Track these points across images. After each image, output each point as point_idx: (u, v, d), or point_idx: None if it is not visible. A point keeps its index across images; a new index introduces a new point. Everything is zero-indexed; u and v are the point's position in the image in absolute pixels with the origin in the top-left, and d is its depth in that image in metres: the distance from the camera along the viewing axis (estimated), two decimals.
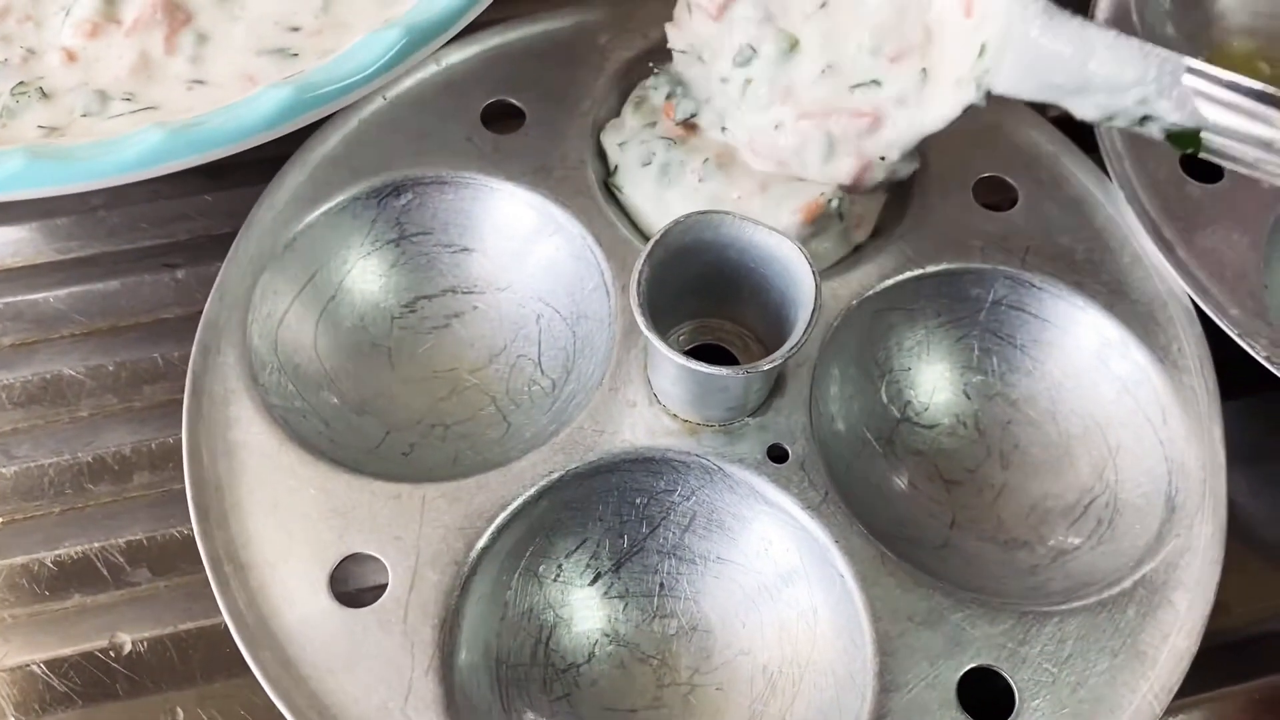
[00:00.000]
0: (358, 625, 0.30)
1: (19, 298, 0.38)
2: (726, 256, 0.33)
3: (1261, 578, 0.36)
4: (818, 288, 0.30)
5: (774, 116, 0.36)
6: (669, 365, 0.31)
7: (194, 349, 0.34)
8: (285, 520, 0.31)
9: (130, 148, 0.33)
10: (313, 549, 0.31)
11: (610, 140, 0.38)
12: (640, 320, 0.30)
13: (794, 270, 0.31)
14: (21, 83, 0.36)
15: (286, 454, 0.32)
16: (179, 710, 0.32)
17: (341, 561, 0.31)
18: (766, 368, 0.30)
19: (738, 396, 0.32)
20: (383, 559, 0.31)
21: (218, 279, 0.35)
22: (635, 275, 0.31)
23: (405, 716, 0.29)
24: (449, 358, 0.37)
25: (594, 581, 0.33)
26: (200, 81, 0.37)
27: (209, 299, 0.34)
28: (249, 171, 0.37)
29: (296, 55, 0.37)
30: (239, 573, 0.31)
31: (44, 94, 0.36)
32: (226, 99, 0.36)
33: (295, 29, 0.38)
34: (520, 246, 0.38)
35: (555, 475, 0.32)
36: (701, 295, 0.34)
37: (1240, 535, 0.34)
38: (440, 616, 0.30)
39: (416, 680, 0.30)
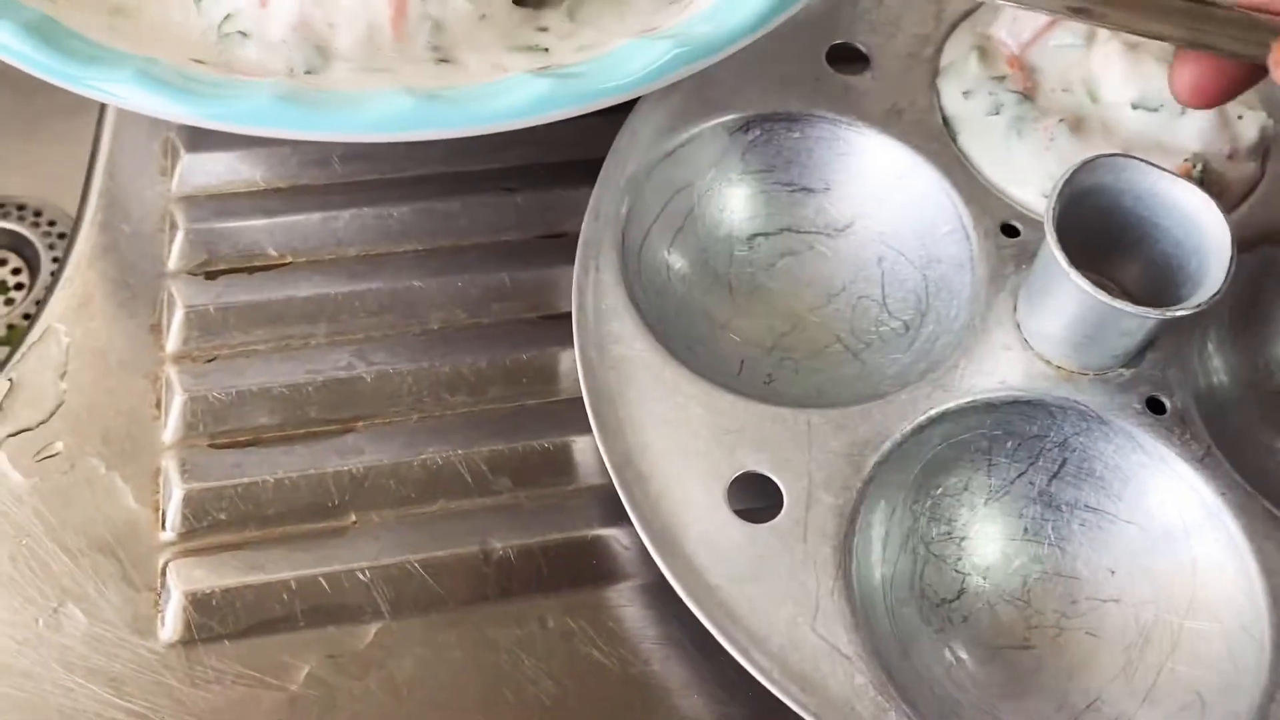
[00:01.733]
0: (759, 540, 0.30)
1: (363, 210, 0.39)
2: (1120, 204, 0.33)
3: None
4: (1234, 239, 0.31)
5: None
6: (1069, 302, 0.31)
7: (576, 265, 0.34)
8: (677, 435, 0.32)
9: (514, 95, 0.32)
10: (707, 464, 0.31)
11: (950, 87, 0.38)
12: (1058, 254, 0.30)
13: (1201, 221, 0.31)
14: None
15: (670, 370, 0.33)
16: (548, 618, 0.33)
17: (735, 478, 0.31)
18: (1186, 312, 0.30)
19: (1130, 343, 0.32)
20: (776, 479, 0.31)
21: (591, 200, 0.35)
22: (1050, 210, 0.31)
23: (816, 633, 0.29)
24: (786, 295, 0.38)
25: (962, 520, 0.33)
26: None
27: (585, 219, 0.35)
28: None
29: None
30: (639, 480, 0.31)
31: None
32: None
33: None
34: (865, 189, 0.38)
35: (935, 410, 0.33)
36: (1082, 245, 0.34)
37: None
38: (838, 539, 0.31)
39: (823, 598, 0.30)
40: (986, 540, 0.33)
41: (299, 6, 0.34)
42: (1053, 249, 0.30)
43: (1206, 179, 0.36)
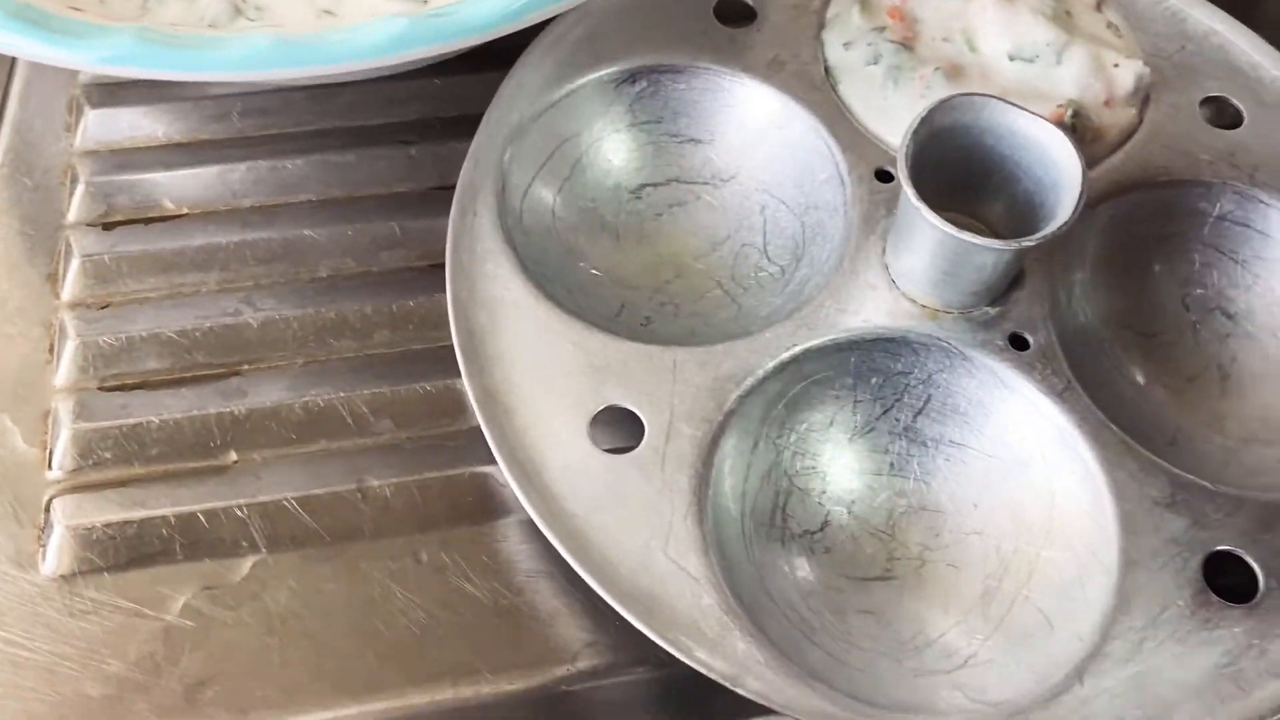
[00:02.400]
0: (618, 470, 0.31)
1: (259, 163, 0.39)
2: (982, 143, 0.33)
3: None
4: (1085, 172, 0.31)
5: None
6: (927, 239, 0.32)
7: (453, 208, 0.35)
8: (545, 370, 0.32)
9: (372, 33, 0.33)
10: (572, 399, 0.32)
11: (833, 38, 0.39)
12: (909, 191, 0.31)
13: (1056, 156, 0.32)
14: None
15: (542, 310, 0.33)
16: (422, 553, 0.33)
17: (599, 412, 0.32)
18: (1032, 243, 0.31)
19: (988, 278, 0.33)
20: (638, 412, 0.32)
21: (471, 146, 0.36)
22: (904, 150, 0.31)
23: (667, 556, 0.30)
24: (673, 243, 0.38)
25: (827, 456, 0.34)
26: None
27: (464, 164, 0.36)
28: (466, 61, 0.38)
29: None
30: (505, 415, 0.32)
31: None
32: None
33: None
34: (748, 139, 0.38)
35: (798, 348, 0.33)
36: (946, 185, 0.35)
37: None
38: (695, 468, 0.31)
39: (676, 523, 0.30)
40: (852, 475, 0.34)
41: None
42: (904, 185, 0.31)
43: (1080, 124, 0.37)
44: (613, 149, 0.38)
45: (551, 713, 0.32)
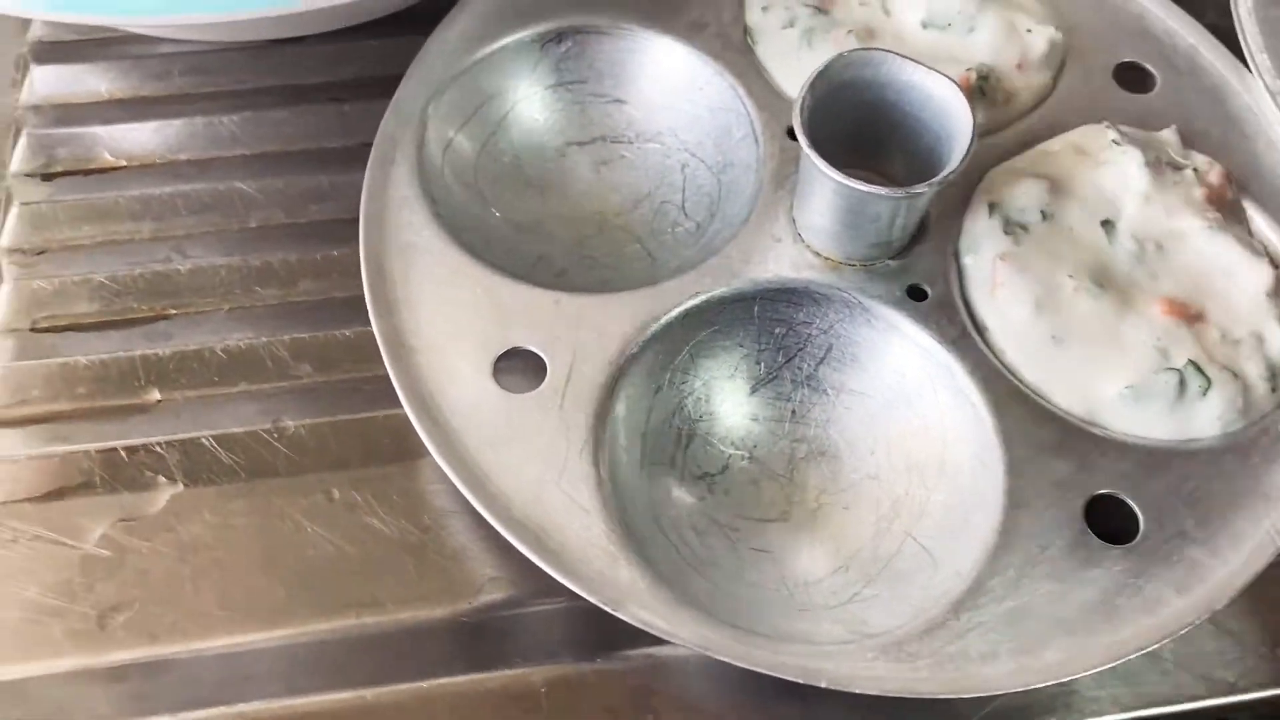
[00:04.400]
0: (518, 409, 0.32)
1: (195, 119, 0.41)
2: (883, 98, 0.34)
3: None
4: (974, 124, 0.32)
5: None
6: (824, 190, 0.33)
7: (371, 157, 0.36)
8: (452, 314, 0.33)
9: None
10: (478, 340, 0.33)
11: (754, 2, 0.40)
12: (803, 139, 0.32)
13: (950, 108, 0.33)
14: None
15: (453, 257, 0.34)
16: (334, 490, 0.34)
17: (504, 354, 0.33)
18: (921, 190, 0.31)
19: (885, 228, 0.33)
20: (541, 354, 0.33)
21: (394, 98, 0.37)
22: (799, 103, 0.32)
23: (560, 490, 0.31)
24: (595, 200, 0.39)
25: (730, 403, 0.35)
26: None
27: (385, 115, 0.37)
28: (404, 23, 0.40)
29: None
30: (410, 355, 0.33)
31: None
32: None
33: None
34: (671, 99, 0.39)
35: (701, 297, 0.34)
36: (851, 142, 0.35)
37: None
38: (593, 408, 0.32)
39: (571, 460, 0.31)
40: (753, 422, 0.35)
41: None
42: (800, 137, 0.32)
43: (989, 88, 0.38)
44: (537, 107, 0.39)
45: (454, 643, 0.33)
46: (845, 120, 0.34)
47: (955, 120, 0.33)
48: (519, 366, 0.33)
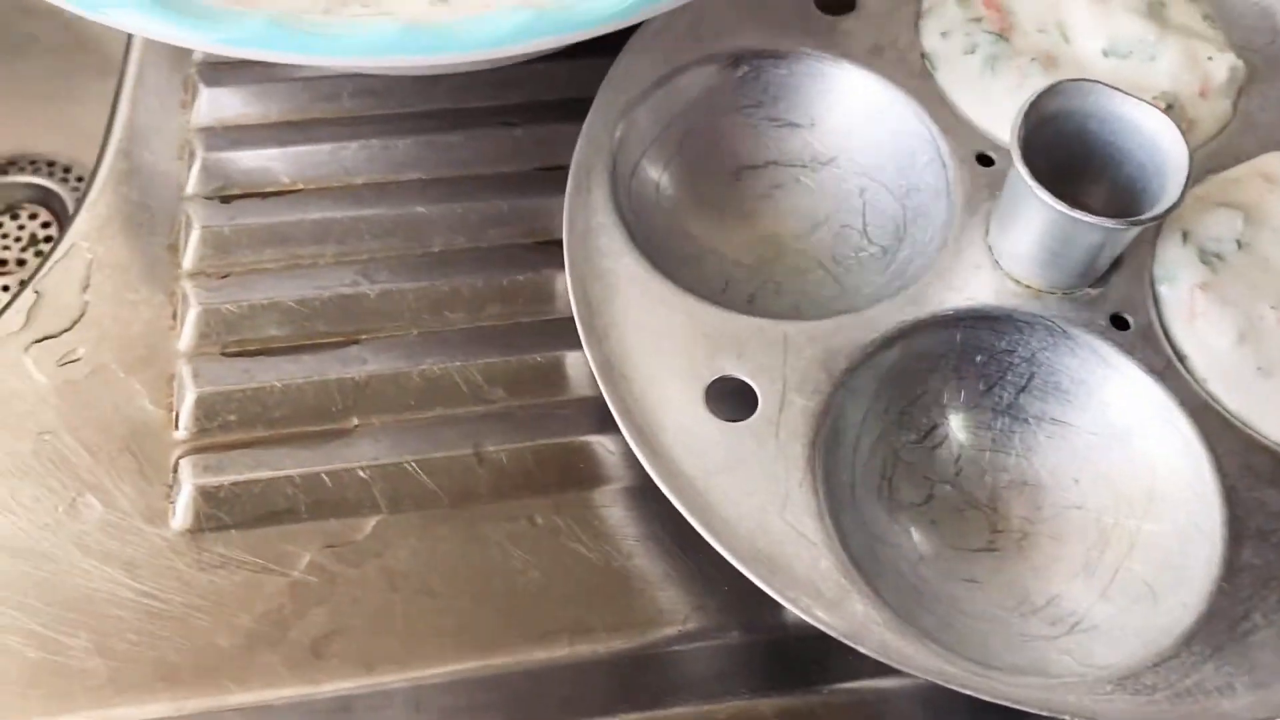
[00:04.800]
0: (734, 438, 0.32)
1: (371, 141, 0.41)
2: (1086, 128, 0.34)
3: None
4: (1191, 157, 0.32)
5: None
6: (1037, 218, 0.33)
7: (568, 184, 0.36)
8: (659, 341, 0.34)
9: (504, 24, 0.34)
10: (687, 368, 0.33)
11: (931, 27, 0.40)
12: (1023, 171, 0.32)
13: (1161, 141, 0.33)
14: None
15: (654, 283, 0.35)
16: (537, 516, 0.34)
17: (713, 381, 0.33)
18: (1146, 222, 0.31)
19: (1095, 258, 0.33)
20: (752, 383, 0.33)
21: (584, 126, 0.37)
22: (1016, 132, 0.32)
23: (784, 521, 0.31)
24: (772, 224, 0.39)
25: (932, 431, 0.35)
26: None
27: (578, 143, 0.37)
28: (567, 49, 0.39)
29: None
30: (622, 382, 0.33)
31: None
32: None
33: None
34: (849, 123, 0.39)
35: (906, 323, 0.34)
36: (1050, 170, 0.35)
37: None
38: (809, 437, 0.32)
39: (792, 490, 0.31)
40: (954, 450, 0.35)
41: None
42: (1017, 165, 0.32)
43: (1172, 116, 0.37)
44: (716, 131, 0.39)
45: (662, 671, 0.33)
46: (1047, 148, 0.34)
47: (1166, 153, 0.33)
48: (729, 393, 0.33)
